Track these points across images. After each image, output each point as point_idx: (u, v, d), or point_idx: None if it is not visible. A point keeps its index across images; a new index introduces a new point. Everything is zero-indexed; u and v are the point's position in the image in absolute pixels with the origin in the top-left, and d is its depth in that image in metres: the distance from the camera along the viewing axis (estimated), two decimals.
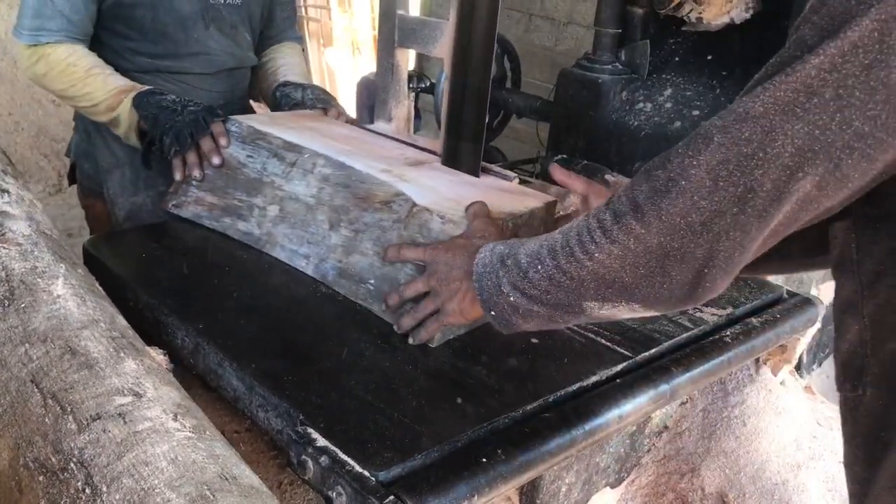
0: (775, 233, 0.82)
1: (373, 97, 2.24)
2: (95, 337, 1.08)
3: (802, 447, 1.57)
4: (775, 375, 1.62)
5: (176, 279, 1.36)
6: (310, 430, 0.99)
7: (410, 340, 1.20)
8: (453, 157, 1.47)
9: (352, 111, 2.35)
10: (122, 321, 1.17)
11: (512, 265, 0.99)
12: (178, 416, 0.96)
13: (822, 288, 1.99)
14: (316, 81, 5.84)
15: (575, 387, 1.15)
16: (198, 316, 1.23)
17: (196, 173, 1.53)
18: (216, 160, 1.53)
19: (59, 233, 1.37)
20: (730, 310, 1.44)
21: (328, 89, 5.84)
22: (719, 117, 0.79)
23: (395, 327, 1.23)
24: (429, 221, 1.26)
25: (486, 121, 1.42)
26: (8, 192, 1.37)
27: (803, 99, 0.73)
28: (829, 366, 2.17)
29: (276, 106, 1.92)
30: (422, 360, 1.18)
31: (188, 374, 1.20)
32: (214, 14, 1.78)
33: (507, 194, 1.39)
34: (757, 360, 1.60)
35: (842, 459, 1.60)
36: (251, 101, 2.09)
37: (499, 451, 0.99)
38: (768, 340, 1.42)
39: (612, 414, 1.13)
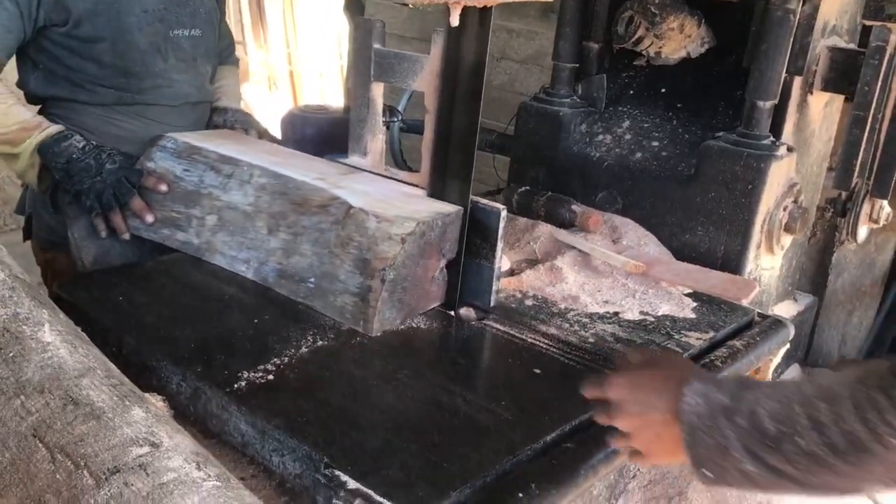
0: None
1: (298, 131, 2.24)
2: (96, 385, 1.02)
3: None
4: None
5: (161, 320, 1.31)
6: (337, 472, 0.96)
7: None
8: (440, 193, 1.47)
9: None
10: (115, 368, 1.11)
11: (749, 427, 0.83)
12: (201, 465, 0.92)
13: (777, 308, 2.07)
14: None
15: (586, 415, 1.16)
16: (193, 359, 1.18)
17: (126, 236, 1.62)
18: (150, 218, 1.60)
19: None
20: (711, 333, 1.48)
21: None
22: None
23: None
24: (365, 221, 1.37)
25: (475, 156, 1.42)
26: None
27: None
28: None
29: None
30: (431, 396, 1.16)
31: (185, 421, 1.14)
32: (174, 46, 1.74)
33: (426, 201, 1.49)
34: None
35: None
36: None
37: (532, 485, 0.98)
38: (750, 362, 1.47)
39: None
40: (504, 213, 1.44)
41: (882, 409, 0.75)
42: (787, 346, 1.64)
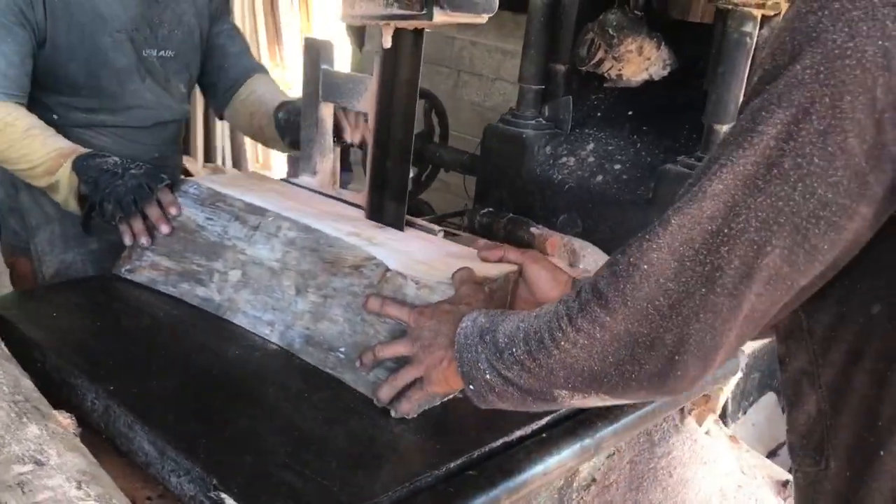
0: (752, 318, 0.77)
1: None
2: None
3: (728, 497, 1.58)
4: (700, 425, 1.64)
5: (87, 339, 1.32)
6: (223, 495, 0.95)
7: (393, 414, 1.14)
8: (378, 212, 1.47)
9: None
10: (27, 384, 1.11)
11: (490, 342, 0.95)
12: (83, 485, 0.92)
13: None
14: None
15: (499, 442, 1.14)
16: (109, 377, 1.18)
17: (143, 241, 1.47)
18: (165, 229, 1.47)
19: None
20: None
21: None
22: (675, 204, 0.78)
23: (374, 400, 1.15)
24: (403, 286, 1.21)
25: (411, 175, 1.42)
26: None
27: (763, 171, 0.71)
28: (754, 413, 2.20)
29: (282, 129, 1.80)
30: (339, 419, 1.15)
31: (98, 439, 1.14)
32: (149, 66, 1.76)
33: (474, 261, 1.30)
34: (682, 411, 1.61)
35: None
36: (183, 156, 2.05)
37: None
38: (695, 392, 1.44)
39: (536, 469, 1.12)
40: (440, 236, 1.44)
41: (562, 315, 0.86)
42: (739, 374, 1.61)
